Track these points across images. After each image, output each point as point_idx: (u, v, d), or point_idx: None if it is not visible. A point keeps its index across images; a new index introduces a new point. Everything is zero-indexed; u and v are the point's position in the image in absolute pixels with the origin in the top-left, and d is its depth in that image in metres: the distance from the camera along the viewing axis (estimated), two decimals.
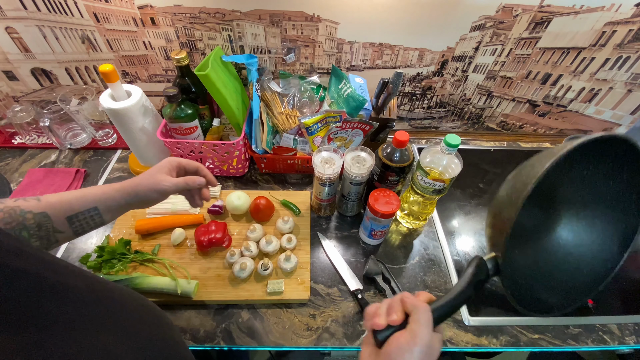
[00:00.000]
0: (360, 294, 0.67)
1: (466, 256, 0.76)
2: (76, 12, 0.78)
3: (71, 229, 0.46)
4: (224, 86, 0.74)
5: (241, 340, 0.62)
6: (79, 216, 0.46)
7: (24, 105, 0.92)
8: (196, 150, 0.81)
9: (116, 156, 0.94)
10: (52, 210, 0.44)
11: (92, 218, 0.47)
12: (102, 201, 0.47)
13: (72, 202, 0.46)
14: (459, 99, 0.99)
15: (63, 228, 0.45)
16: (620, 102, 0.96)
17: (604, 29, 0.81)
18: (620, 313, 0.68)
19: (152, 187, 0.50)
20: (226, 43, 0.85)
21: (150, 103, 0.80)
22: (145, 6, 0.78)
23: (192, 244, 0.73)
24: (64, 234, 0.45)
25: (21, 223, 0.41)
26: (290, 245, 0.72)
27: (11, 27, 0.80)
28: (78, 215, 0.46)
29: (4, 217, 0.40)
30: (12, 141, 0.95)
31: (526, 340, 0.64)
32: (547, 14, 0.79)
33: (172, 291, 0.64)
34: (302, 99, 0.86)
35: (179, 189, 0.52)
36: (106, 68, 0.67)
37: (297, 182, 0.90)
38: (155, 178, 0.51)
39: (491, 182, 0.92)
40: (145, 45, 0.86)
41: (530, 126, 1.06)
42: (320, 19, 0.80)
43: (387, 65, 0.91)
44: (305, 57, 0.89)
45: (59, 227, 0.44)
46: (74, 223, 0.46)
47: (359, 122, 0.77)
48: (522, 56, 0.87)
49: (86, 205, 0.46)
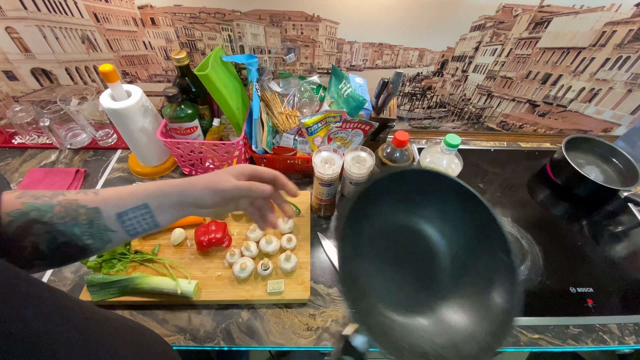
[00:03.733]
0: None
1: None
2: (76, 12, 0.78)
3: (123, 228, 0.41)
4: (224, 86, 0.74)
5: (241, 340, 0.62)
6: (129, 214, 0.40)
7: (24, 105, 0.92)
8: (196, 150, 0.81)
9: (116, 156, 0.94)
10: (104, 205, 0.40)
11: (144, 217, 0.41)
12: (153, 197, 0.41)
13: (124, 197, 0.41)
14: (459, 99, 0.99)
15: (115, 227, 0.40)
16: (620, 102, 0.96)
17: (604, 29, 0.81)
18: (620, 313, 0.68)
19: (209, 186, 0.43)
20: (226, 43, 0.85)
21: (150, 103, 0.80)
22: (145, 6, 0.78)
23: (192, 244, 0.73)
24: (117, 234, 0.41)
25: (74, 218, 0.38)
26: (290, 245, 0.72)
27: (11, 27, 0.80)
28: (128, 212, 0.40)
29: (59, 212, 0.38)
30: (12, 141, 0.95)
31: (526, 340, 0.64)
32: (547, 14, 0.79)
33: (172, 291, 0.64)
34: (302, 99, 0.86)
35: (240, 192, 0.43)
36: (106, 68, 0.67)
37: (297, 182, 0.90)
38: (217, 176, 0.44)
39: (491, 182, 0.92)
40: (145, 45, 0.86)
41: (530, 126, 1.06)
42: (320, 19, 0.80)
43: (387, 65, 0.91)
44: (305, 57, 0.89)
45: (111, 225, 0.40)
46: (125, 222, 0.41)
47: (359, 122, 0.77)
48: (522, 56, 0.87)
49: (136, 202, 0.41)
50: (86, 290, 0.64)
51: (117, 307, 0.66)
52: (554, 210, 0.87)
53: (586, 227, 0.83)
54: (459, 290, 0.47)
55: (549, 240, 0.79)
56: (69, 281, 0.69)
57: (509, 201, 0.88)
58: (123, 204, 0.40)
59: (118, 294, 0.64)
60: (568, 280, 0.72)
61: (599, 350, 0.65)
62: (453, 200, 0.47)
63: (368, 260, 0.47)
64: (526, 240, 0.79)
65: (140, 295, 0.65)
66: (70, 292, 0.68)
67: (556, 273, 0.73)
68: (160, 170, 0.89)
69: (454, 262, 0.48)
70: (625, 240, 0.81)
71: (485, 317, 0.43)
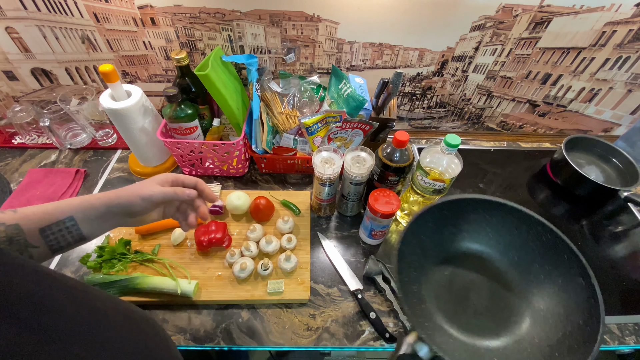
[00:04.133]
0: (360, 294, 0.67)
1: None
2: (76, 12, 0.78)
3: (45, 243, 0.40)
4: (224, 86, 0.74)
5: (241, 340, 0.62)
6: (53, 228, 0.41)
7: (24, 105, 0.92)
8: (196, 150, 0.81)
9: (116, 156, 0.94)
10: (25, 221, 0.39)
11: (68, 230, 0.42)
12: (79, 210, 0.42)
13: (48, 212, 0.41)
14: (459, 99, 0.99)
15: (36, 242, 0.40)
16: (620, 102, 0.96)
17: (604, 29, 0.81)
18: (620, 313, 0.68)
19: (137, 193, 0.45)
20: (226, 43, 0.85)
21: (150, 103, 0.80)
22: (145, 6, 0.78)
23: (192, 244, 0.73)
24: (39, 250, 0.40)
25: None
26: (290, 245, 0.72)
27: (11, 27, 0.80)
28: (52, 226, 0.41)
29: None
30: (12, 141, 0.95)
31: None
32: (547, 14, 0.79)
33: (172, 291, 0.64)
34: (302, 99, 0.86)
35: (166, 197, 0.47)
36: (106, 68, 0.67)
37: (297, 182, 0.90)
38: (142, 185, 0.47)
39: (491, 182, 0.92)
40: (145, 45, 0.86)
41: (530, 126, 1.06)
42: (320, 19, 0.80)
43: (387, 65, 0.91)
44: (305, 57, 0.89)
45: (32, 241, 0.40)
46: (48, 236, 0.40)
47: (359, 122, 0.77)
48: (522, 56, 0.87)
49: (61, 215, 0.41)
50: None
51: None
52: (554, 210, 0.87)
53: (586, 227, 0.83)
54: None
55: None
56: None
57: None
58: (47, 218, 0.41)
59: (118, 294, 0.64)
60: None
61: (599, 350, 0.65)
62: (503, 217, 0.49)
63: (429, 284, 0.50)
64: None
65: (140, 295, 0.65)
66: None
67: None
68: (160, 170, 0.89)
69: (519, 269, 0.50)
70: (625, 240, 0.81)
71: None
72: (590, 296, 0.42)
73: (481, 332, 0.48)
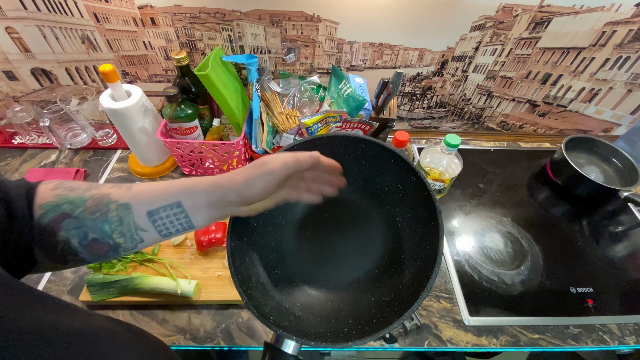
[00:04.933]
0: None
1: (466, 256, 0.76)
2: (76, 12, 0.78)
3: (154, 227, 0.37)
4: (224, 86, 0.74)
5: (241, 340, 0.62)
6: (160, 212, 0.36)
7: (24, 105, 0.92)
8: (196, 150, 0.81)
9: (116, 156, 0.94)
10: (135, 201, 0.36)
11: (177, 216, 0.37)
12: (186, 195, 0.36)
13: (156, 193, 0.36)
14: (459, 99, 0.99)
15: (145, 225, 0.36)
16: (620, 102, 0.96)
17: (604, 29, 0.81)
18: (620, 313, 0.68)
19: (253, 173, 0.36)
20: (226, 43, 0.85)
21: (150, 103, 0.80)
22: (145, 6, 0.78)
23: (192, 244, 0.73)
24: (148, 234, 0.37)
25: (104, 214, 0.35)
26: None
27: (11, 27, 0.80)
28: (159, 210, 0.36)
29: (90, 206, 0.35)
30: (12, 141, 0.95)
31: (526, 340, 0.64)
32: (547, 14, 0.79)
33: (172, 291, 0.64)
34: (302, 99, 0.86)
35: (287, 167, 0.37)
36: (106, 68, 0.67)
37: None
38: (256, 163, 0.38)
39: (491, 182, 0.92)
40: (145, 45, 0.86)
41: (530, 126, 1.06)
42: (320, 19, 0.80)
43: (387, 65, 0.91)
44: (305, 57, 0.89)
45: (141, 224, 0.36)
46: (156, 220, 0.36)
47: (359, 122, 0.77)
48: (522, 56, 0.87)
49: (168, 199, 0.36)
50: (86, 290, 0.64)
51: (117, 307, 0.66)
52: (554, 210, 0.87)
53: (586, 227, 0.83)
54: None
55: (549, 240, 0.79)
56: (68, 281, 0.69)
57: (509, 201, 0.88)
58: (154, 201, 0.36)
59: (118, 294, 0.64)
60: (568, 280, 0.72)
61: (599, 350, 0.65)
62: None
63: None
64: (526, 240, 0.79)
65: (140, 295, 0.65)
66: (70, 292, 0.68)
67: (556, 273, 0.73)
68: (160, 170, 0.89)
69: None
70: (625, 240, 0.81)
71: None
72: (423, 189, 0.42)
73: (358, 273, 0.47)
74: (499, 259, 0.75)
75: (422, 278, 0.39)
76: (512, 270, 0.73)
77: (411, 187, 0.44)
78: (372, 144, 0.45)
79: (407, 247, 0.46)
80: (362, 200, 0.50)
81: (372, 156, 0.46)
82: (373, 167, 0.47)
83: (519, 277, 0.72)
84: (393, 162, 0.45)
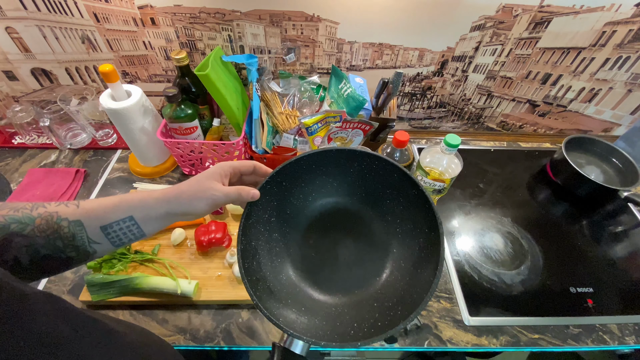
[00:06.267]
0: None
1: (466, 256, 0.76)
2: (76, 12, 0.78)
3: (107, 240, 0.40)
4: (224, 86, 0.74)
5: (241, 340, 0.62)
6: (114, 226, 0.40)
7: (24, 105, 0.92)
8: (196, 150, 0.81)
9: (116, 156, 0.94)
10: (87, 218, 0.39)
11: (129, 228, 0.41)
12: (138, 210, 0.41)
13: (107, 209, 0.40)
14: (459, 99, 0.99)
15: (98, 239, 0.40)
16: (620, 102, 0.96)
17: (604, 29, 0.81)
18: (620, 313, 0.68)
19: (198, 195, 0.42)
20: (226, 43, 0.85)
21: (150, 103, 0.80)
22: (145, 6, 0.78)
23: (192, 244, 0.73)
24: (101, 245, 0.40)
25: (56, 232, 0.37)
26: None
27: (11, 27, 0.80)
28: (112, 225, 0.40)
29: (40, 224, 0.37)
30: (12, 141, 0.95)
31: (526, 340, 0.64)
32: (547, 14, 0.79)
33: (172, 291, 0.64)
34: (302, 99, 0.86)
35: (230, 199, 0.43)
36: (106, 68, 0.67)
37: None
38: (201, 185, 0.43)
39: (491, 182, 0.92)
40: (145, 45, 0.86)
41: (530, 126, 1.06)
42: (320, 19, 0.80)
43: (387, 65, 0.91)
44: (305, 57, 0.89)
45: (94, 237, 0.39)
46: (110, 234, 0.40)
47: (359, 122, 0.77)
48: (522, 56, 0.87)
49: (120, 215, 0.40)
50: (86, 290, 0.64)
51: (117, 307, 0.66)
52: (554, 210, 0.87)
53: (586, 227, 0.83)
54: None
55: (549, 240, 0.79)
56: (68, 281, 0.69)
57: (509, 201, 0.88)
58: (106, 217, 0.40)
59: (118, 294, 0.64)
60: (568, 280, 0.72)
61: (599, 350, 0.65)
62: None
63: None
64: (526, 240, 0.79)
65: (140, 295, 0.65)
66: (70, 292, 0.68)
67: (556, 273, 0.73)
68: (160, 170, 0.89)
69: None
70: (625, 240, 0.81)
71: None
72: (424, 202, 0.43)
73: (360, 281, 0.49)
74: (499, 259, 0.75)
75: (424, 283, 0.40)
76: (512, 270, 0.73)
77: (413, 200, 0.45)
78: (377, 158, 0.47)
79: (408, 255, 0.47)
80: (364, 211, 0.51)
81: (376, 170, 0.48)
82: (376, 180, 0.48)
83: (519, 277, 0.72)
84: (396, 177, 0.46)
